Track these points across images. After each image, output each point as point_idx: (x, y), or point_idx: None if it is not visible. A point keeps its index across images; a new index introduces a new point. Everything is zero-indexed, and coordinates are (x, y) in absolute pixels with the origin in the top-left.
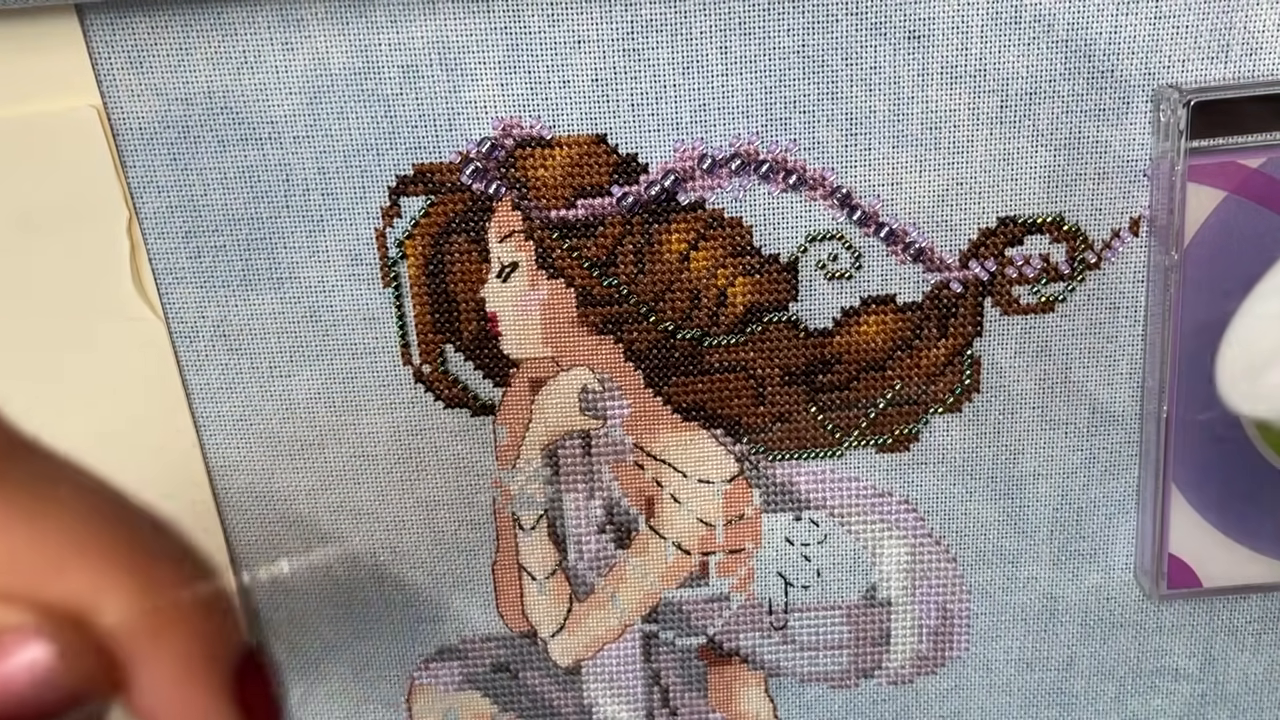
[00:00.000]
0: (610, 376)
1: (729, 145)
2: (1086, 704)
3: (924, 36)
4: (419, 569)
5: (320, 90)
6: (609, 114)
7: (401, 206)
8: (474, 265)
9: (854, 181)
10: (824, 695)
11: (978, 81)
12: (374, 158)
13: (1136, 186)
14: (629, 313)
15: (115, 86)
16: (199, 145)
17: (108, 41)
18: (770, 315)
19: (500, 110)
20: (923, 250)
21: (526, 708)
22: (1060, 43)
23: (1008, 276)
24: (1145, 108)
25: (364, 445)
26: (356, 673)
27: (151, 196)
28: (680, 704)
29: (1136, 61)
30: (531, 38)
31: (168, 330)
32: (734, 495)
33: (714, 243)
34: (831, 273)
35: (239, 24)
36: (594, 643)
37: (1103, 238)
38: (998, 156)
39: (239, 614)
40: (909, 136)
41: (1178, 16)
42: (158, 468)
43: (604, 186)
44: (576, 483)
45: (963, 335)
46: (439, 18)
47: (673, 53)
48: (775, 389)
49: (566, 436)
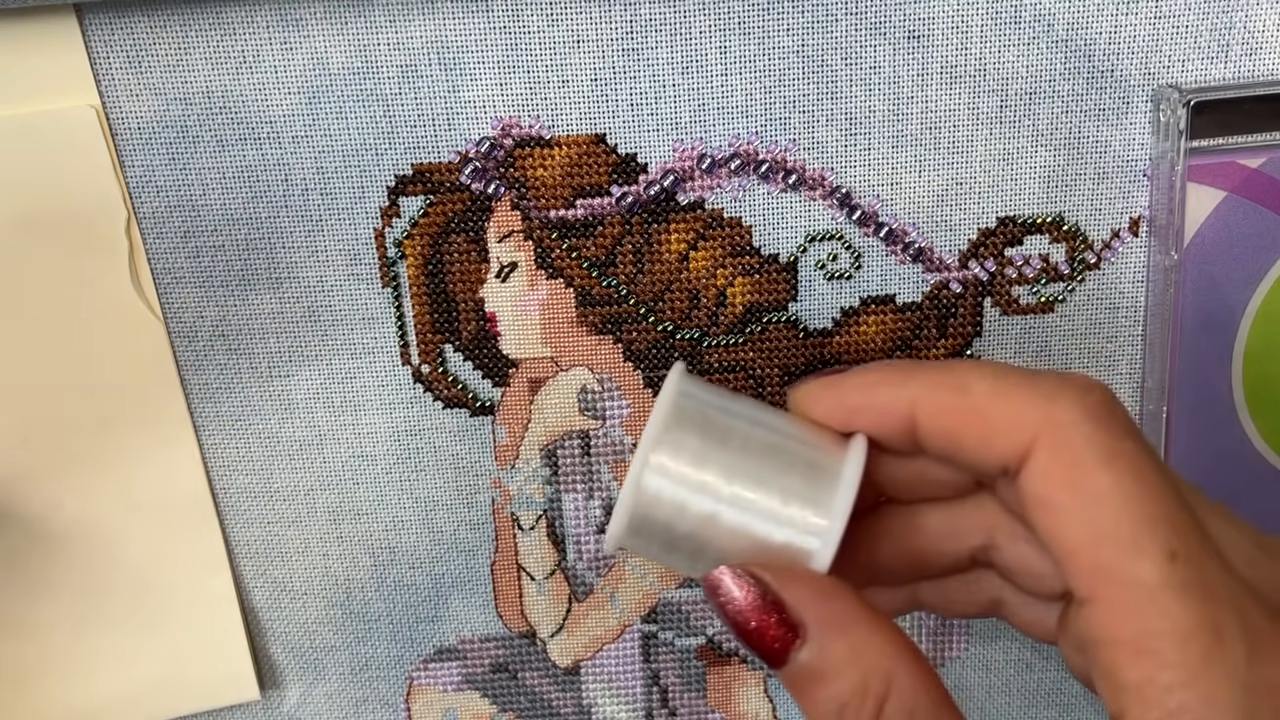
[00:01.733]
0: (610, 376)
1: (728, 145)
2: (1086, 704)
3: (923, 36)
4: (418, 569)
5: (319, 90)
6: (608, 114)
7: (400, 206)
8: (473, 265)
9: (853, 181)
10: None
11: (977, 81)
12: (373, 158)
13: (1136, 186)
14: (628, 313)
15: (114, 86)
16: (198, 145)
17: (106, 41)
18: (770, 315)
19: (499, 110)
20: (922, 250)
21: (525, 708)
22: (1060, 42)
23: (1007, 277)
24: (1145, 108)
25: (363, 445)
26: (355, 673)
27: (150, 196)
28: (679, 704)
29: (1136, 61)
30: (531, 38)
31: (166, 330)
32: None
33: (713, 243)
34: (831, 273)
35: (238, 24)
36: (593, 643)
37: (1102, 238)
38: (997, 156)
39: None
40: (908, 136)
41: (1178, 16)
42: (157, 468)
43: (603, 186)
44: (576, 483)
45: (962, 335)
46: (438, 18)
47: (672, 52)
48: (775, 389)
49: (566, 436)
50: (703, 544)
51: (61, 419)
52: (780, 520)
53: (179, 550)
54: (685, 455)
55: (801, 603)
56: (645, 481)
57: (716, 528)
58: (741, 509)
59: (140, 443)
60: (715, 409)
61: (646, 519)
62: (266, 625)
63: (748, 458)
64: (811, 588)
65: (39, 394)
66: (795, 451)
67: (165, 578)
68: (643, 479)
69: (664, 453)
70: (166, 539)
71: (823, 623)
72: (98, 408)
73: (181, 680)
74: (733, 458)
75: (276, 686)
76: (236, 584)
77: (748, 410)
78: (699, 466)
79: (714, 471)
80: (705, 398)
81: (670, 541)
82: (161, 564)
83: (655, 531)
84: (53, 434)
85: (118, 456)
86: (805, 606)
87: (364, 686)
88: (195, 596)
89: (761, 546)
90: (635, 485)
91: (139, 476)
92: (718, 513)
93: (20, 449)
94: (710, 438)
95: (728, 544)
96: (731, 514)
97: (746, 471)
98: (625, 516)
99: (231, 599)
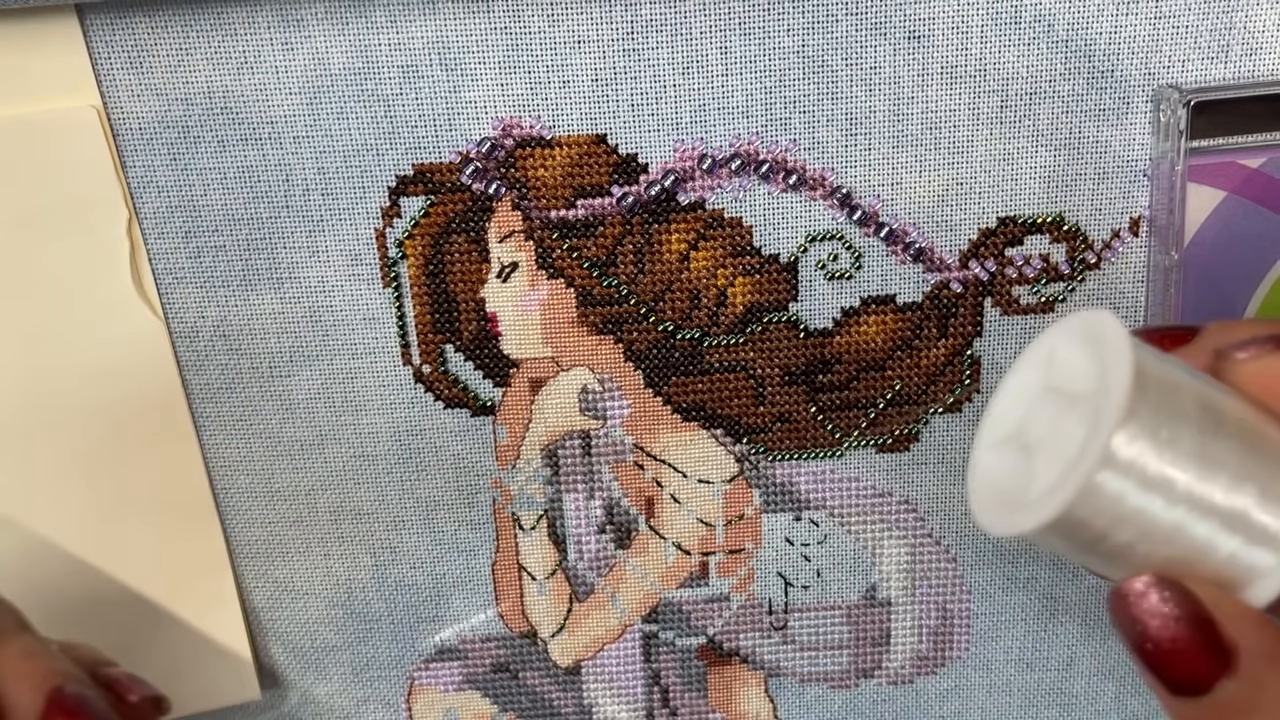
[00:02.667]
0: (610, 376)
1: (729, 145)
2: (1086, 704)
3: (924, 36)
4: (419, 569)
5: (320, 90)
6: (609, 114)
7: (401, 206)
8: (474, 265)
9: (854, 181)
10: (824, 695)
11: (978, 81)
12: (374, 158)
13: (1136, 186)
14: (629, 313)
15: (115, 86)
16: (199, 145)
17: (108, 41)
18: (770, 315)
19: (500, 110)
20: (923, 250)
21: (526, 708)
22: (1060, 43)
23: (1008, 276)
24: (1145, 108)
25: (364, 445)
26: (357, 673)
27: (151, 196)
28: (680, 704)
29: (1136, 61)
30: (531, 38)
31: (168, 330)
32: (734, 495)
33: (714, 243)
34: (831, 273)
35: (239, 24)
36: (594, 643)
37: (1103, 238)
38: (998, 156)
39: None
40: (909, 136)
41: (1178, 16)
42: (157, 467)
43: (604, 186)
44: (576, 483)
45: (963, 335)
46: (439, 18)
47: (673, 52)
48: (775, 389)
49: (566, 437)
50: (1131, 547)
51: (62, 418)
52: (1237, 528)
53: (180, 550)
54: (1149, 443)
55: (1239, 628)
56: (1099, 480)
57: (1159, 531)
58: (1203, 514)
59: (141, 442)
60: (1173, 375)
61: (1079, 523)
62: (267, 625)
63: (1220, 445)
64: (1249, 613)
65: (40, 393)
66: (1273, 443)
67: (166, 578)
68: (1097, 477)
69: (1125, 437)
70: (167, 539)
71: (1262, 654)
72: (99, 407)
73: (182, 680)
74: (1204, 445)
75: (277, 686)
76: (237, 584)
77: (1199, 385)
78: (1166, 458)
79: (1182, 465)
80: (1156, 363)
81: (1092, 543)
82: (162, 564)
83: (1082, 534)
84: (54, 433)
85: (119, 456)
86: (1243, 633)
87: (365, 686)
88: (196, 596)
89: (1199, 554)
90: (1085, 480)
91: (140, 476)
92: (1174, 517)
93: (21, 448)
94: (1182, 420)
95: (1159, 548)
96: (1187, 518)
97: (1219, 465)
98: (1053, 514)
99: (233, 599)
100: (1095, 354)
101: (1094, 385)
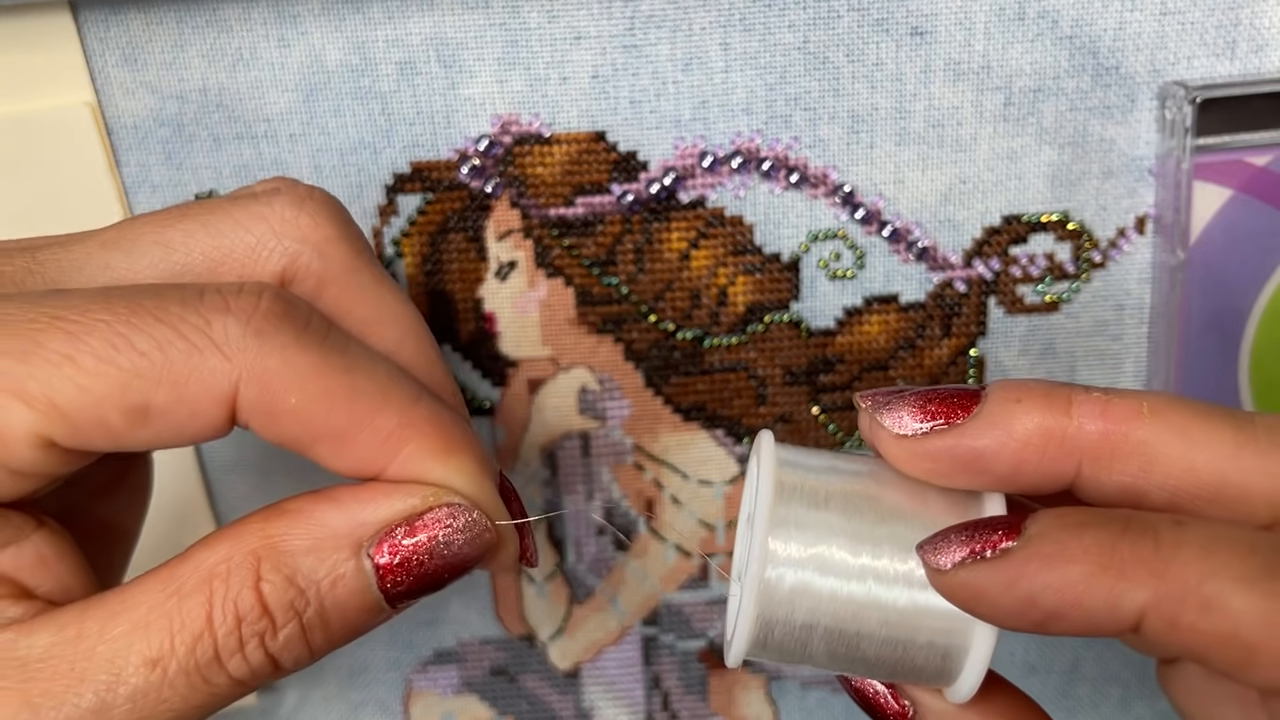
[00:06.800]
0: (610, 376)
1: (730, 142)
2: (1091, 709)
3: (928, 32)
4: None
5: (316, 87)
6: (608, 111)
7: (398, 204)
8: (472, 264)
9: (857, 179)
10: (826, 699)
11: (982, 78)
12: (370, 155)
13: (1142, 184)
14: (629, 312)
15: (109, 83)
16: (193, 143)
17: (101, 38)
18: (771, 314)
19: (498, 107)
20: (926, 249)
21: (525, 712)
22: (1065, 39)
23: (1012, 275)
24: (1151, 105)
25: None
26: (353, 677)
27: (145, 194)
28: (681, 708)
29: (1142, 58)
30: (530, 34)
31: None
32: (735, 497)
33: (715, 241)
34: (834, 272)
35: (233, 20)
36: (593, 646)
37: (1108, 236)
38: (1002, 154)
39: None
40: (912, 134)
41: (1184, 13)
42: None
43: (603, 184)
44: (575, 484)
45: (966, 335)
46: (436, 13)
47: (673, 49)
48: (777, 389)
49: (565, 437)
50: (840, 634)
51: None
52: (898, 581)
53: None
54: (803, 533)
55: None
56: (770, 578)
57: (847, 607)
58: (885, 584)
59: None
60: (817, 471)
61: (780, 623)
62: None
63: (871, 519)
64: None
65: None
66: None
67: None
68: (767, 574)
69: (781, 536)
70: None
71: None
72: None
73: None
74: (854, 522)
75: (273, 690)
76: None
77: (851, 466)
78: (822, 540)
79: (838, 542)
80: (804, 461)
81: (805, 642)
82: None
83: (790, 635)
84: None
85: None
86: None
87: (361, 690)
88: None
89: (905, 633)
90: (759, 581)
91: None
92: (852, 594)
93: None
94: (824, 504)
95: (868, 629)
96: (870, 592)
97: (877, 536)
98: (750, 624)
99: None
100: (754, 475)
101: (755, 502)
